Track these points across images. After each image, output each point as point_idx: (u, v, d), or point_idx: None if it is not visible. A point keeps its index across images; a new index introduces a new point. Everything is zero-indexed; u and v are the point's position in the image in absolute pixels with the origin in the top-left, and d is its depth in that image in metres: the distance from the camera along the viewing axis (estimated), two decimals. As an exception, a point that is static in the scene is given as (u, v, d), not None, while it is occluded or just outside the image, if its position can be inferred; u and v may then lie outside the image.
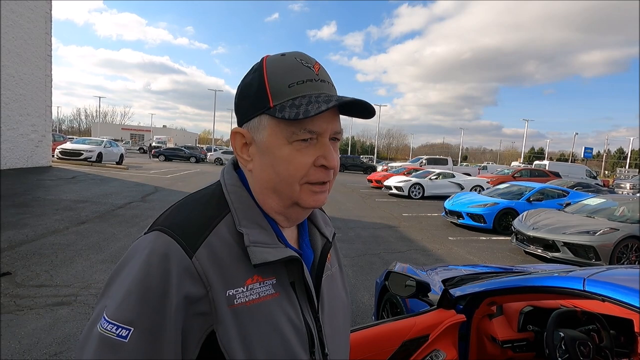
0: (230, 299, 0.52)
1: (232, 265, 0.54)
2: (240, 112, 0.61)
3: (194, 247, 0.52)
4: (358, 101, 0.56)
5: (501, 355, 1.48)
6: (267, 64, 0.58)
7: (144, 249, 0.52)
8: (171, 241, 0.52)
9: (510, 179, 16.48)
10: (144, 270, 0.50)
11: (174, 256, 0.51)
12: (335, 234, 0.74)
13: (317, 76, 0.58)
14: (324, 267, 0.66)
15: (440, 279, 2.14)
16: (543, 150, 67.51)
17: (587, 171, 23.05)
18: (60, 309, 3.17)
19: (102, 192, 9.43)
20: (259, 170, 0.60)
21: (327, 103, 0.54)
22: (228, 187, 0.61)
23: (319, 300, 0.64)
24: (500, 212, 8.06)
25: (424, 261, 5.45)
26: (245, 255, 0.55)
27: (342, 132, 0.62)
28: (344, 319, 0.72)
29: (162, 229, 0.54)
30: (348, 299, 0.76)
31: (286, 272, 0.59)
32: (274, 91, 0.56)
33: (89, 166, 16.32)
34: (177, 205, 0.60)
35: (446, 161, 25.01)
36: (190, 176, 16.04)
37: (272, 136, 0.57)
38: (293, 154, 0.56)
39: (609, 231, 5.52)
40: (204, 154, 30.33)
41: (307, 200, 0.59)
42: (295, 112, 0.54)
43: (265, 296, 0.55)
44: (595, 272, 1.27)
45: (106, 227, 6.03)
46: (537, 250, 5.96)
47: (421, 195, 13.39)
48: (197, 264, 0.51)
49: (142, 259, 0.51)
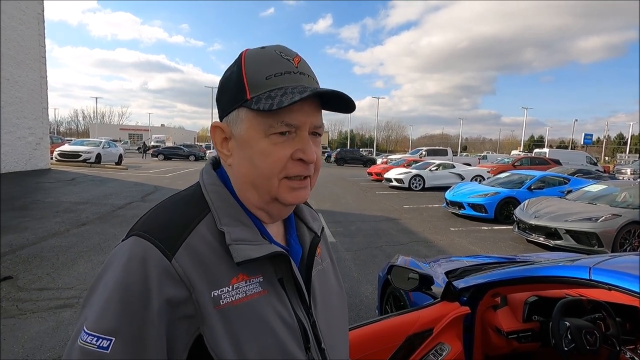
0: (215, 300, 0.51)
1: (215, 265, 0.53)
2: (220, 106, 0.60)
3: (172, 249, 0.51)
4: (334, 92, 0.54)
5: (506, 347, 1.47)
6: (245, 56, 0.58)
7: (121, 255, 0.51)
8: (148, 245, 0.51)
9: (511, 167, 16.43)
10: (122, 277, 0.49)
11: (152, 259, 0.49)
12: (324, 228, 0.73)
13: (296, 68, 0.57)
14: (313, 262, 0.65)
15: (443, 271, 2.12)
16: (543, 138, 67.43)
17: (587, 158, 23.03)
18: (62, 311, 3.17)
19: (101, 193, 9.42)
20: (238, 164, 0.59)
21: (302, 93, 0.52)
22: (207, 187, 0.60)
23: (310, 295, 0.62)
24: (501, 201, 8.04)
25: (426, 253, 5.45)
26: (228, 254, 0.53)
27: (324, 126, 0.61)
28: (339, 313, 0.71)
29: (139, 234, 0.52)
30: (343, 292, 0.75)
31: (273, 268, 0.58)
32: (251, 83, 0.55)
33: (88, 167, 16.30)
34: (154, 209, 0.59)
35: (446, 152, 24.96)
36: (189, 174, 16.02)
37: (249, 129, 0.56)
38: (270, 148, 0.55)
39: (611, 217, 5.50)
40: (203, 152, 30.34)
41: (286, 197, 0.58)
42: (270, 103, 0.52)
43: (252, 294, 0.54)
44: (601, 261, 1.25)
45: (107, 228, 6.03)
46: (539, 238, 5.95)
47: (422, 186, 13.37)
48: (177, 265, 0.50)
49: (120, 266, 0.50)
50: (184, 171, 17.53)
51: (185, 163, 24.20)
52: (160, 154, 27.48)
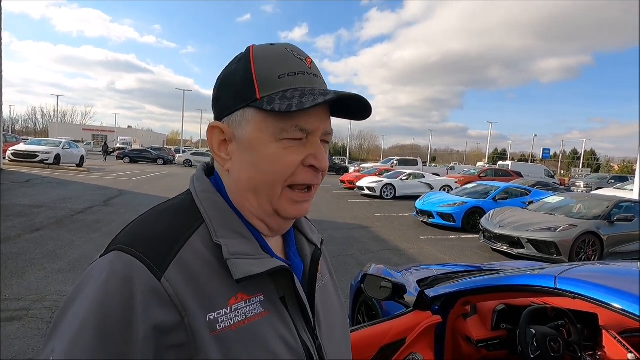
0: (211, 325, 0.44)
1: (210, 284, 0.46)
2: (220, 105, 0.54)
3: (162, 265, 0.44)
4: (358, 97, 0.50)
5: (476, 355, 1.49)
6: (254, 52, 0.52)
7: (100, 273, 0.44)
8: (133, 260, 0.44)
9: (477, 178, 17.14)
10: (100, 298, 0.41)
11: (137, 277, 0.42)
12: (323, 241, 0.67)
13: (309, 69, 0.52)
14: (315, 277, 0.59)
15: (415, 280, 2.14)
16: (505, 151, 70.84)
17: (545, 171, 24.49)
18: (9, 325, 2.90)
19: (60, 197, 8.84)
20: (238, 169, 0.52)
21: (325, 96, 0.48)
22: (199, 195, 0.53)
23: (314, 314, 0.56)
24: (468, 211, 8.33)
25: (397, 261, 5.51)
26: (224, 270, 0.47)
27: (333, 133, 0.56)
28: (342, 331, 0.65)
29: (121, 248, 0.45)
30: (344, 311, 0.69)
31: (274, 286, 0.52)
32: (261, 82, 0.50)
33: (46, 169, 15.30)
34: (139, 220, 0.51)
35: (416, 162, 25.64)
36: (157, 179, 15.44)
37: (257, 132, 0.50)
38: (280, 152, 0.50)
39: (568, 227, 5.83)
40: (172, 156, 29.33)
41: (287, 210, 0.53)
42: (288, 104, 0.47)
43: (253, 316, 0.47)
44: (565, 270, 1.30)
45: (64, 233, 5.64)
46: (503, 247, 6.20)
47: (393, 195, 13.62)
48: (167, 285, 0.43)
49: (97, 286, 0.42)
50: (151, 175, 16.86)
51: (152, 167, 23.31)
52: (126, 156, 26.32)
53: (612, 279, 1.21)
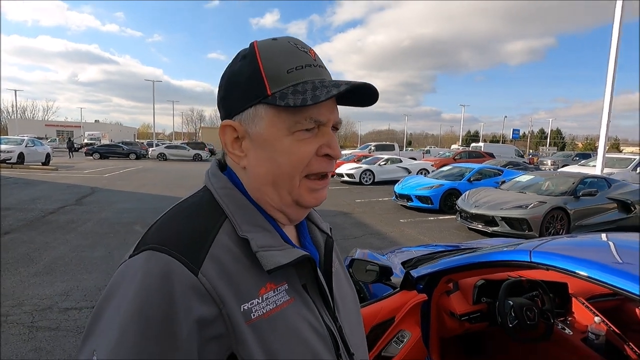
0: (246, 314, 0.46)
1: (241, 276, 0.48)
2: (228, 105, 0.55)
3: (197, 261, 0.46)
4: (368, 85, 0.52)
5: (459, 328, 1.59)
6: (259, 48, 0.53)
7: (134, 273, 0.44)
8: (169, 259, 0.45)
9: (452, 161, 17.62)
10: (140, 298, 0.42)
11: (175, 274, 0.44)
12: (332, 229, 0.70)
13: (314, 61, 0.54)
14: (331, 264, 0.62)
15: (400, 261, 2.22)
16: (478, 133, 72.99)
17: (515, 151, 25.49)
18: (-13, 332, 2.80)
19: (28, 197, 8.44)
20: (255, 165, 0.54)
21: (337, 87, 0.49)
22: (219, 191, 0.55)
23: (333, 299, 0.59)
24: (445, 192, 8.58)
25: (380, 244, 5.66)
26: (252, 263, 0.49)
27: (342, 122, 0.58)
28: (356, 313, 0.69)
29: (154, 247, 0.46)
30: (354, 293, 0.73)
31: (297, 274, 0.54)
32: (271, 78, 0.51)
33: (9, 169, 14.50)
34: (164, 219, 0.52)
35: (393, 147, 25.96)
36: (131, 174, 14.95)
37: (270, 127, 0.52)
38: (295, 145, 0.51)
39: (538, 204, 6.14)
40: (144, 150, 28.38)
41: (306, 199, 0.55)
42: (302, 99, 0.49)
43: (281, 304, 0.50)
44: (538, 244, 1.39)
45: (36, 235, 5.42)
46: (478, 226, 6.47)
47: (372, 181, 13.80)
48: (204, 280, 0.45)
49: (135, 285, 0.43)
50: (124, 171, 16.30)
51: (125, 162, 22.50)
52: (96, 152, 25.26)
53: (579, 250, 1.31)
